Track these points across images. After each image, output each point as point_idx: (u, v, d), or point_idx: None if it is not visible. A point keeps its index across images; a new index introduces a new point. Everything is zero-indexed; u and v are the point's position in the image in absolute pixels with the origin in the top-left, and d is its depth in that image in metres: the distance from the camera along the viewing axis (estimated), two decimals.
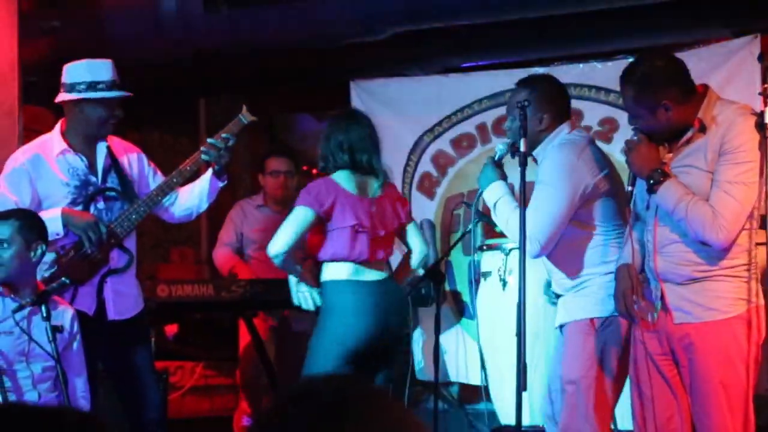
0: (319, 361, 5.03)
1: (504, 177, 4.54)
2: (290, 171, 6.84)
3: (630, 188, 4.08)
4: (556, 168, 4.34)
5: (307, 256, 5.32)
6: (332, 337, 5.04)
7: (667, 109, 3.95)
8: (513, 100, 4.52)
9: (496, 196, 4.48)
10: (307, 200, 5.08)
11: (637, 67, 4.06)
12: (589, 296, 4.40)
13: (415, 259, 5.33)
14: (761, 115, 3.88)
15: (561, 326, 4.53)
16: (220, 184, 5.07)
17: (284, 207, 6.82)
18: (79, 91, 4.88)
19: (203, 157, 4.94)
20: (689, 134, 3.98)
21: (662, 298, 4.04)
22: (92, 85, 4.88)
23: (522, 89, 4.52)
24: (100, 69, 4.91)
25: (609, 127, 6.61)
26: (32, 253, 4.51)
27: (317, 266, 5.23)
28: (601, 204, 4.41)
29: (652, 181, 3.94)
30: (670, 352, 4.05)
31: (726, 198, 3.88)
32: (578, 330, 4.41)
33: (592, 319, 4.38)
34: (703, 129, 3.95)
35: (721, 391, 3.94)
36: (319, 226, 5.12)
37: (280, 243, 5.04)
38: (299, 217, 5.07)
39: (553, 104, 4.50)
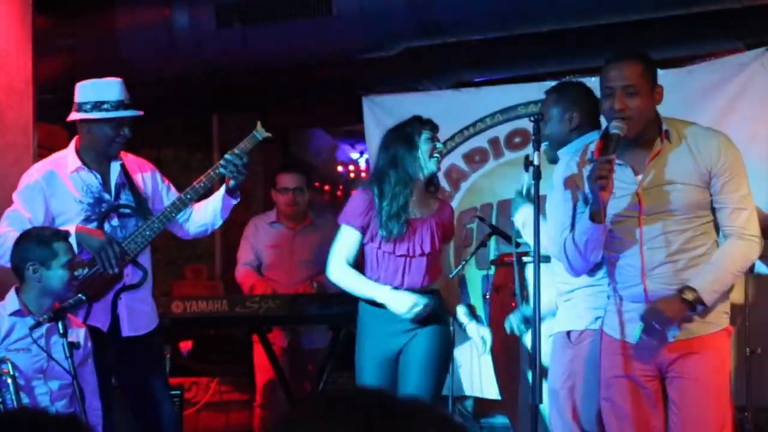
0: None
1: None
2: (300, 187, 6.76)
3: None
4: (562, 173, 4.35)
5: None
6: None
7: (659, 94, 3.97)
8: (543, 108, 4.60)
9: (523, 218, 4.60)
10: None
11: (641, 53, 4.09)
12: (571, 309, 4.45)
13: None
14: None
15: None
16: (234, 202, 5.05)
17: (297, 223, 6.82)
18: (86, 111, 4.90)
19: (221, 170, 4.92)
20: (658, 147, 3.95)
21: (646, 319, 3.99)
22: (97, 105, 4.88)
23: (549, 96, 4.60)
24: (107, 89, 4.91)
25: None
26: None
27: None
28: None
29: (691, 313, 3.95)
30: (653, 371, 4.01)
31: (749, 213, 3.94)
32: (558, 341, 4.50)
33: (568, 332, 4.44)
34: (669, 141, 3.95)
35: (715, 403, 3.95)
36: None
37: None
38: None
39: (579, 104, 4.52)
